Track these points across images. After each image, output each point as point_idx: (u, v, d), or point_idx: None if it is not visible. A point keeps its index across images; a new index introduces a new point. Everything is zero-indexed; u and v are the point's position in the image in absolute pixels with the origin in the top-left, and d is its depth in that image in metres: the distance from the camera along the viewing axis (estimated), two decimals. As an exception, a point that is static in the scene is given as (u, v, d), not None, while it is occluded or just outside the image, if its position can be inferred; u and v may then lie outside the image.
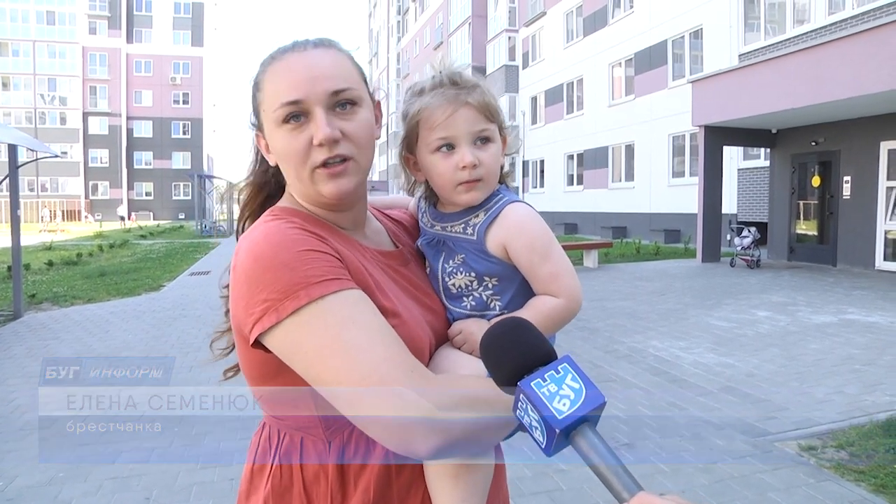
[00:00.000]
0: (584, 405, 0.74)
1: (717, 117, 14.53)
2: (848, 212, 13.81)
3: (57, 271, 15.05)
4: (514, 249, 1.10)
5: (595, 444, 0.73)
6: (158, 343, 7.42)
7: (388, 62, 66.64)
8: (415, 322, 1.07)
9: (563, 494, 3.44)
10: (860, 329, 7.53)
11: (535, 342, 0.82)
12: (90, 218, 58.94)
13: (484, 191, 1.13)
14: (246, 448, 3.73)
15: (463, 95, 1.10)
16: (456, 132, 1.09)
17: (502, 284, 1.13)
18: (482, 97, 1.11)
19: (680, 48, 21.42)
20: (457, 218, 1.16)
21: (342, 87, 1.03)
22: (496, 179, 1.16)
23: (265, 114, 1.07)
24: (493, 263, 1.12)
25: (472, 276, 1.13)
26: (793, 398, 5.09)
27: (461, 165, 1.09)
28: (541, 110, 31.79)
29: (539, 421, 0.75)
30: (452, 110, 1.09)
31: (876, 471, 3.69)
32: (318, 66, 1.04)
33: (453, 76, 1.12)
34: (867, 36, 10.67)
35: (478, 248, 1.13)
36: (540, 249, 1.11)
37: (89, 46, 64.27)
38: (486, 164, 1.11)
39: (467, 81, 1.12)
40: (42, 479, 3.77)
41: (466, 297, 1.15)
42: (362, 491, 1.01)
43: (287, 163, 1.06)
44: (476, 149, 1.11)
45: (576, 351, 6.74)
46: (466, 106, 1.09)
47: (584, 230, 27.47)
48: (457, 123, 1.09)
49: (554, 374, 0.77)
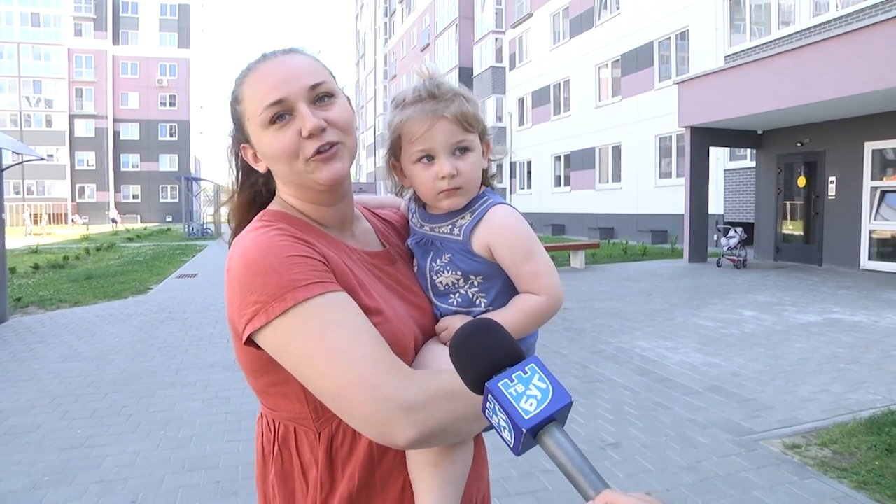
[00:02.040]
0: (551, 405, 0.76)
1: (703, 118, 14.61)
2: (833, 212, 13.93)
3: (43, 275, 14.92)
4: (498, 249, 1.15)
5: (562, 444, 0.75)
6: (145, 346, 7.38)
7: (376, 64, 66.66)
8: (399, 319, 1.12)
9: (548, 494, 3.46)
10: (845, 328, 7.59)
11: (503, 343, 0.83)
12: (77, 220, 58.53)
13: (464, 196, 1.17)
14: (233, 450, 3.78)
15: (441, 109, 1.14)
16: (434, 144, 1.14)
17: (487, 282, 1.18)
18: (460, 108, 1.14)
19: (666, 49, 21.53)
20: (444, 219, 1.21)
21: (319, 80, 1.10)
22: (476, 185, 1.19)
23: (250, 122, 1.12)
24: (478, 263, 1.17)
25: (459, 275, 1.18)
26: (778, 397, 5.13)
27: (440, 176, 1.14)
28: (528, 112, 31.85)
29: (507, 421, 0.76)
30: (430, 124, 1.13)
31: (858, 468, 3.73)
32: (292, 67, 1.11)
33: (432, 89, 1.16)
34: (851, 38, 10.77)
35: (463, 249, 1.17)
36: (522, 249, 1.15)
37: (75, 48, 63.77)
38: (464, 173, 1.15)
39: (446, 93, 1.16)
40: (27, 483, 3.75)
41: (453, 294, 1.20)
42: (348, 477, 1.08)
43: (279, 161, 1.11)
44: (455, 159, 1.15)
45: (562, 351, 6.77)
46: (443, 119, 1.13)
47: (572, 231, 27.55)
48: (434, 136, 1.14)
49: (521, 375, 0.78)
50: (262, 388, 1.11)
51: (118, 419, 4.90)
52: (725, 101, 13.70)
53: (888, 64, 10.01)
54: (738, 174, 18.55)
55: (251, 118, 1.11)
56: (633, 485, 3.62)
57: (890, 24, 10.06)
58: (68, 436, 4.55)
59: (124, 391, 5.65)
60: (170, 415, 4.99)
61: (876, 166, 13.04)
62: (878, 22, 10.26)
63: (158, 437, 4.50)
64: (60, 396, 5.52)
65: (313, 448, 1.09)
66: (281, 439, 1.12)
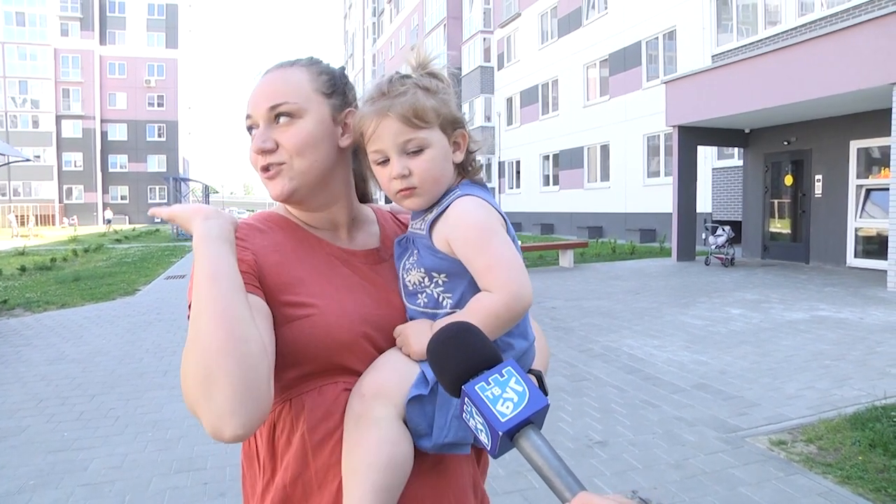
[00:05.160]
0: (528, 408, 0.76)
1: (690, 117, 14.67)
2: (820, 210, 14.03)
3: (30, 276, 14.84)
4: (455, 244, 1.08)
5: (538, 446, 0.75)
6: (133, 348, 7.35)
7: (364, 64, 66.53)
8: (339, 314, 1.10)
9: (536, 493, 3.47)
10: (831, 325, 7.65)
11: (479, 346, 0.83)
12: (66, 222, 58.16)
13: (424, 196, 1.12)
14: (220, 452, 3.76)
15: (386, 107, 1.09)
16: (383, 145, 1.10)
17: (451, 282, 1.11)
18: (408, 102, 1.08)
19: (654, 49, 21.61)
20: (418, 215, 1.18)
21: (279, 101, 1.14)
22: (437, 184, 1.12)
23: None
24: (440, 259, 1.10)
25: (423, 273, 1.12)
26: (764, 394, 5.17)
27: (391, 177, 1.11)
28: (516, 111, 31.89)
29: (483, 423, 0.76)
30: (376, 124, 1.10)
31: (842, 463, 3.77)
32: (265, 85, 1.17)
33: (383, 85, 1.12)
34: (836, 37, 10.85)
35: (426, 244, 1.12)
36: (476, 240, 1.06)
37: (61, 48, 63.26)
38: (417, 173, 1.09)
39: (396, 89, 1.10)
40: (11, 487, 3.73)
41: (420, 293, 1.13)
42: (284, 468, 1.10)
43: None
44: (407, 158, 1.10)
45: (551, 350, 6.77)
46: (388, 118, 1.08)
47: (561, 230, 27.61)
48: (382, 136, 1.10)
49: (498, 378, 0.79)
50: None
51: (105, 421, 4.88)
52: (713, 101, 13.77)
53: (873, 63, 10.10)
54: (725, 173, 18.64)
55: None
56: (620, 482, 3.63)
57: (874, 23, 10.15)
58: (55, 438, 4.53)
59: (112, 393, 5.62)
60: (157, 417, 4.97)
61: (861, 165, 13.15)
62: (862, 22, 10.34)
63: (146, 439, 4.48)
64: (47, 399, 5.49)
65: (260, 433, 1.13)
66: None
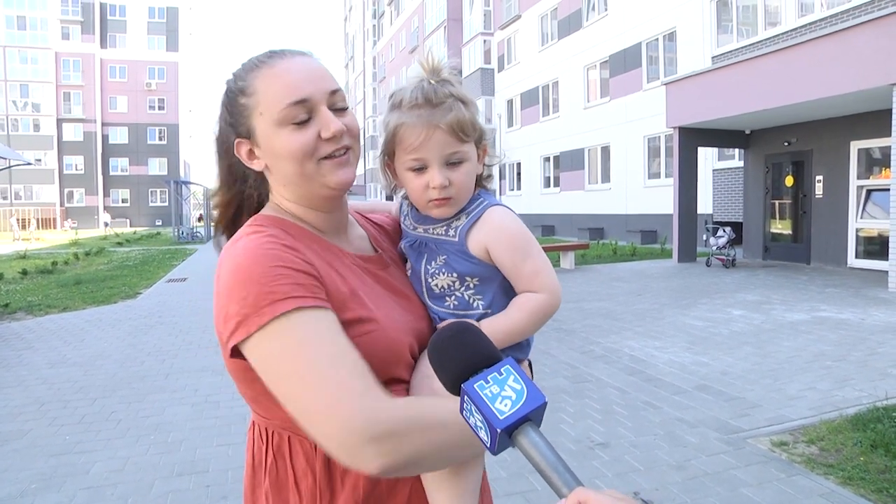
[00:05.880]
0: (526, 405, 0.77)
1: (691, 119, 14.68)
2: (821, 211, 14.03)
3: (31, 280, 14.87)
4: (496, 250, 1.14)
5: (536, 443, 0.76)
6: (135, 351, 7.36)
7: (364, 66, 66.63)
8: (394, 326, 1.09)
9: (538, 495, 3.47)
10: (832, 326, 7.65)
11: (478, 345, 0.84)
12: (67, 225, 58.25)
13: (455, 206, 1.16)
14: (222, 454, 3.77)
15: (437, 118, 1.11)
16: (427, 154, 1.12)
17: (483, 284, 1.16)
18: (456, 117, 1.12)
19: (654, 50, 21.62)
20: (438, 221, 1.19)
21: (337, 87, 1.12)
22: (468, 194, 1.17)
23: (262, 116, 1.08)
24: (474, 264, 1.15)
25: (454, 277, 1.16)
26: (766, 395, 5.17)
27: (432, 185, 1.12)
28: (517, 113, 31.90)
29: (483, 421, 0.77)
30: (425, 135, 1.11)
31: (844, 464, 3.77)
32: (312, 68, 1.11)
33: (429, 93, 1.12)
34: (836, 38, 10.86)
35: (459, 250, 1.15)
36: (521, 248, 1.14)
37: (62, 52, 63.43)
38: (456, 184, 1.13)
39: (442, 98, 1.12)
40: (14, 491, 3.73)
41: (448, 297, 1.17)
42: (351, 487, 1.05)
43: (291, 160, 1.08)
44: (448, 170, 1.13)
45: (552, 352, 6.79)
46: (438, 130, 1.11)
47: (562, 232, 27.62)
48: (428, 147, 1.11)
49: (497, 376, 0.80)
50: (254, 395, 1.06)
51: (107, 424, 4.89)
52: (713, 102, 13.77)
53: (873, 64, 10.10)
54: (726, 174, 18.64)
55: (265, 113, 1.08)
56: (622, 484, 3.63)
57: (874, 24, 10.15)
58: (56, 442, 4.53)
59: (113, 396, 5.63)
60: (159, 419, 4.98)
61: (862, 165, 13.15)
62: (862, 22, 10.35)
63: (148, 442, 4.49)
64: (49, 402, 5.49)
65: (308, 457, 1.05)
66: (275, 448, 1.09)
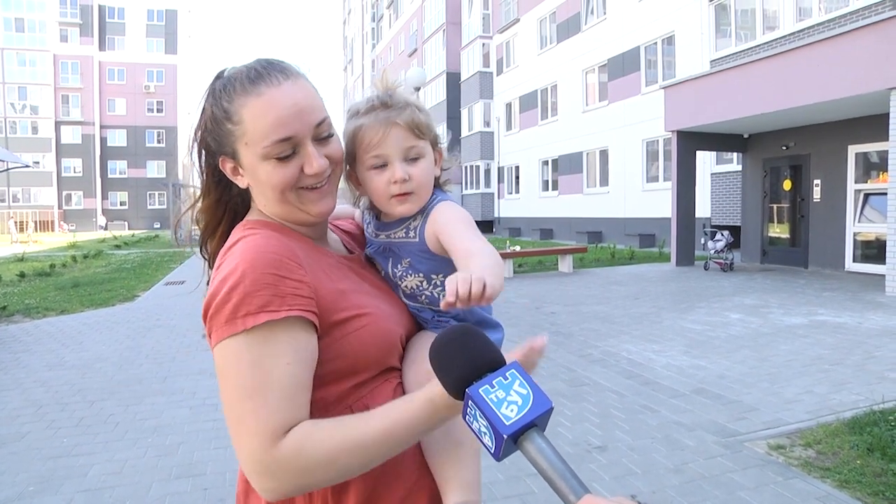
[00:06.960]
0: (532, 411, 0.77)
1: (689, 122, 14.70)
2: (818, 215, 14.05)
3: (29, 283, 14.83)
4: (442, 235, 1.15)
5: (542, 449, 0.75)
6: (132, 354, 7.34)
7: (363, 69, 66.57)
8: (385, 317, 1.15)
9: (535, 498, 3.47)
10: (829, 330, 7.66)
11: (483, 348, 0.84)
12: (65, 227, 58.12)
13: (416, 203, 1.20)
14: (220, 457, 3.75)
15: (393, 116, 1.17)
16: (387, 150, 1.17)
17: None
18: (412, 116, 1.19)
19: (652, 54, 21.66)
20: (398, 225, 1.23)
21: (323, 116, 1.12)
22: (428, 192, 1.22)
23: (248, 147, 1.08)
24: (436, 261, 1.18)
25: (421, 277, 1.20)
26: (763, 399, 5.17)
27: (393, 180, 1.17)
28: (515, 116, 31.92)
29: (488, 427, 0.77)
30: (384, 132, 1.17)
31: (841, 467, 3.77)
32: (299, 100, 1.08)
33: (385, 98, 1.20)
34: (834, 42, 10.90)
35: (421, 249, 1.20)
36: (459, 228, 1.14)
37: (60, 54, 63.28)
38: (416, 178, 1.18)
39: (398, 102, 1.20)
40: (11, 493, 3.72)
41: (419, 296, 1.22)
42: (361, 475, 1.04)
43: (272, 190, 1.11)
44: (407, 164, 1.18)
45: (549, 355, 6.79)
46: (396, 126, 1.17)
47: (560, 235, 27.62)
48: (388, 143, 1.17)
49: (502, 381, 0.79)
50: None
51: (105, 427, 4.88)
52: (711, 106, 13.80)
53: (871, 68, 10.13)
54: (724, 178, 18.66)
55: (251, 144, 1.08)
56: (619, 487, 3.64)
57: (872, 28, 10.19)
58: (54, 444, 4.52)
59: (111, 399, 5.62)
60: (157, 422, 4.97)
61: (859, 169, 13.18)
62: (860, 27, 10.39)
63: (146, 445, 4.48)
64: (46, 405, 5.48)
65: None
66: None
